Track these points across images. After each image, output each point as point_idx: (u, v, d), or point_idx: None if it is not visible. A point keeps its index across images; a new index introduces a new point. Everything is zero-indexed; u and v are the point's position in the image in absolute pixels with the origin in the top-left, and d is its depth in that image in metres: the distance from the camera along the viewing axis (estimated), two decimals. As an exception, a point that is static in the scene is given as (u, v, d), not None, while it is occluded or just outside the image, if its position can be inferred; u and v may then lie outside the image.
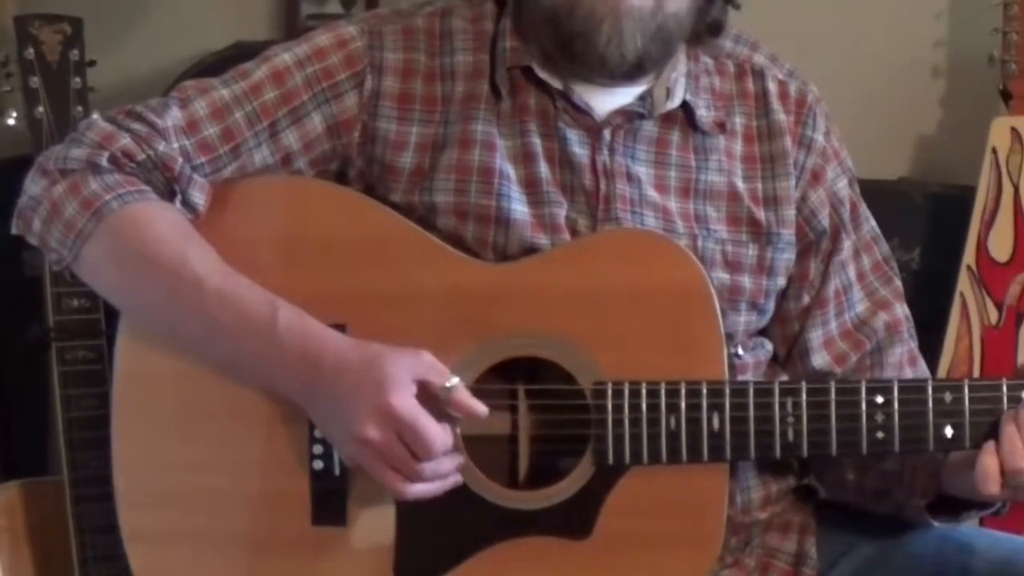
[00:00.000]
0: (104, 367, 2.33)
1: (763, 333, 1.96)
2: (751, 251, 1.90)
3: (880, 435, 1.76)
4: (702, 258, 1.84)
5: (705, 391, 1.77)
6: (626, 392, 1.77)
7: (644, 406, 1.77)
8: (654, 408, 1.77)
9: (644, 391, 1.77)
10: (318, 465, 1.81)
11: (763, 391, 1.77)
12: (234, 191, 1.86)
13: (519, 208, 1.85)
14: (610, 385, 1.77)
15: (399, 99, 1.88)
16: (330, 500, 1.82)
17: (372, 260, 1.83)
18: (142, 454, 1.85)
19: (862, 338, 1.95)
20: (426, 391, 1.72)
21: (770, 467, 1.93)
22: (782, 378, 1.95)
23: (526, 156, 1.87)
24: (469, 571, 1.80)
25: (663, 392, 1.77)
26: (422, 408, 1.71)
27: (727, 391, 1.77)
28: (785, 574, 1.94)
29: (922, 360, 1.99)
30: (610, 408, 1.77)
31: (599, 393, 1.78)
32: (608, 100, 1.87)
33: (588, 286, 1.80)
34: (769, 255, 1.91)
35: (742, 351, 1.90)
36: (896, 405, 1.76)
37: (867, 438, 1.76)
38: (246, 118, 1.87)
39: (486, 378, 1.80)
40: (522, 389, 1.82)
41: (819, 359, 1.94)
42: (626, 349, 1.78)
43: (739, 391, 1.77)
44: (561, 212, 1.86)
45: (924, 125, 2.81)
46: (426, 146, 1.87)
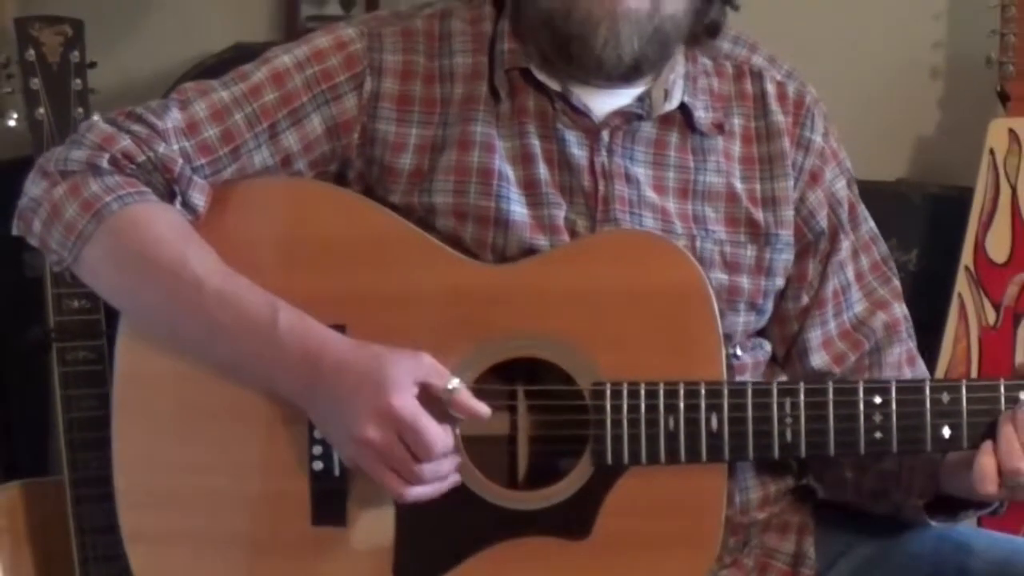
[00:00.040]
0: (104, 368, 2.33)
1: (762, 333, 1.96)
2: (749, 252, 1.90)
3: (878, 435, 1.76)
4: (700, 259, 1.84)
5: (703, 392, 1.77)
6: (625, 393, 1.77)
7: (643, 407, 1.77)
8: (652, 409, 1.77)
9: (643, 392, 1.77)
10: (318, 466, 1.81)
11: (761, 392, 1.77)
12: (234, 192, 1.86)
13: (518, 209, 1.85)
14: (609, 386, 1.77)
15: (398, 101, 1.88)
16: (330, 501, 1.82)
17: (371, 261, 1.83)
18: (142, 455, 1.85)
19: (860, 338, 1.95)
20: (426, 393, 1.72)
21: (768, 467, 1.93)
22: (781, 378, 1.95)
23: (525, 157, 1.87)
24: (468, 571, 1.80)
25: (661, 393, 1.77)
26: (423, 409, 1.71)
27: (725, 392, 1.77)
28: (783, 574, 1.93)
29: (921, 360, 1.99)
30: (609, 409, 1.77)
31: (598, 394, 1.78)
32: (606, 102, 1.87)
33: (587, 287, 1.80)
34: (767, 256, 1.91)
35: (741, 352, 1.90)
36: (894, 406, 1.76)
37: (865, 438, 1.77)
38: (246, 120, 1.87)
39: (485, 379, 1.80)
40: (521, 390, 1.82)
41: (818, 359, 1.94)
42: (625, 350, 1.78)
43: (737, 392, 1.77)
44: (560, 213, 1.86)
45: (922, 126, 2.81)
46: (425, 147, 1.88)
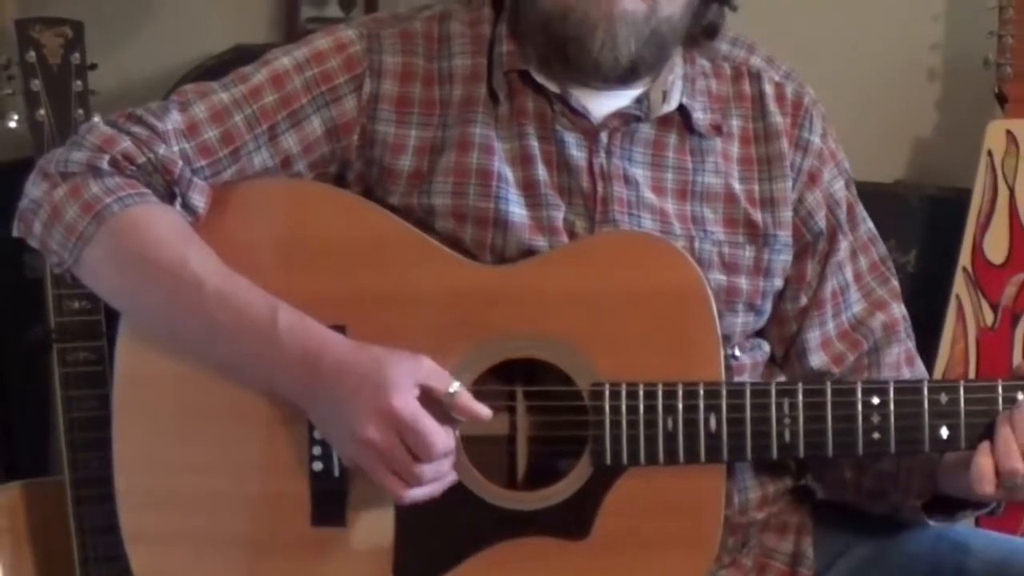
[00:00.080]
0: (105, 368, 2.33)
1: (760, 334, 1.96)
2: (748, 253, 1.90)
3: (876, 436, 1.77)
4: (699, 260, 1.84)
5: (702, 392, 1.77)
6: (623, 393, 1.78)
7: (641, 407, 1.77)
8: (651, 409, 1.77)
9: (641, 392, 1.77)
10: (318, 466, 1.81)
11: (760, 392, 1.78)
12: (234, 194, 1.86)
13: (517, 211, 1.85)
14: (607, 386, 1.78)
15: (397, 102, 1.88)
16: (329, 501, 1.82)
17: (371, 262, 1.83)
18: (142, 455, 1.85)
19: (859, 338, 1.95)
20: (426, 395, 1.72)
21: (767, 468, 1.93)
22: (779, 379, 1.95)
23: (524, 159, 1.87)
24: (468, 571, 1.81)
25: (660, 393, 1.77)
26: (424, 410, 1.72)
27: (724, 392, 1.77)
28: (782, 574, 1.94)
29: (919, 359, 1.99)
30: (607, 409, 1.77)
31: (597, 394, 1.78)
32: (605, 103, 1.88)
33: (586, 288, 1.80)
34: (766, 256, 1.91)
35: (739, 352, 1.90)
36: (892, 406, 1.76)
37: (863, 439, 1.77)
38: (245, 121, 1.87)
39: (484, 379, 1.80)
40: (520, 390, 1.83)
41: (817, 359, 1.94)
42: (624, 350, 1.79)
43: (736, 392, 1.77)
44: (559, 214, 1.86)
45: (920, 128, 2.81)
46: (424, 149, 1.88)
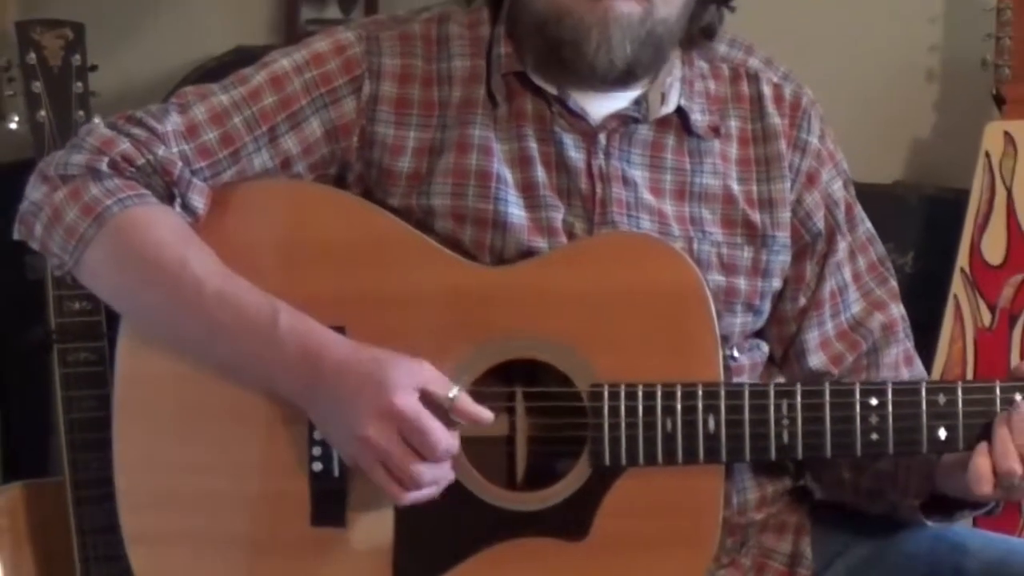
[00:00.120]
0: (105, 369, 2.33)
1: (759, 334, 1.96)
2: (746, 253, 1.91)
3: (874, 437, 1.77)
4: (698, 261, 1.85)
5: (701, 393, 1.77)
6: (622, 394, 1.78)
7: (640, 408, 1.77)
8: (650, 410, 1.77)
9: (640, 393, 1.78)
10: (317, 466, 1.81)
11: (758, 393, 1.78)
12: (234, 195, 1.87)
13: (516, 212, 1.85)
14: (606, 387, 1.78)
15: (397, 104, 1.89)
16: (329, 501, 1.82)
17: (371, 263, 1.83)
18: (143, 455, 1.85)
19: (858, 339, 1.95)
20: (427, 399, 1.73)
21: (766, 468, 1.94)
22: (778, 380, 1.95)
23: (523, 160, 1.87)
24: (467, 572, 1.81)
25: (659, 394, 1.77)
26: (425, 409, 1.72)
27: (722, 393, 1.77)
28: (781, 574, 1.94)
29: (918, 359, 1.99)
30: (606, 410, 1.78)
31: (596, 395, 1.78)
32: (603, 105, 1.88)
33: (585, 289, 1.80)
34: (764, 257, 1.91)
35: (738, 353, 1.90)
36: (890, 407, 1.77)
37: (861, 440, 1.77)
38: (245, 123, 1.87)
39: (484, 380, 1.80)
40: (520, 391, 1.83)
41: (815, 360, 1.94)
42: (622, 351, 1.79)
43: (735, 393, 1.78)
44: (558, 216, 1.86)
45: (918, 129, 2.81)
46: (423, 150, 1.88)
